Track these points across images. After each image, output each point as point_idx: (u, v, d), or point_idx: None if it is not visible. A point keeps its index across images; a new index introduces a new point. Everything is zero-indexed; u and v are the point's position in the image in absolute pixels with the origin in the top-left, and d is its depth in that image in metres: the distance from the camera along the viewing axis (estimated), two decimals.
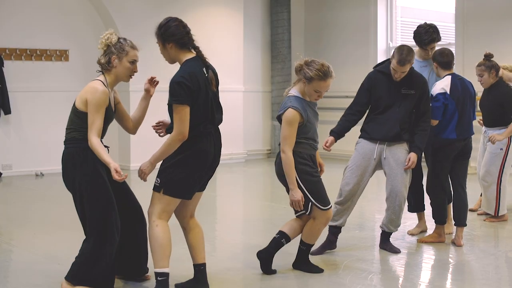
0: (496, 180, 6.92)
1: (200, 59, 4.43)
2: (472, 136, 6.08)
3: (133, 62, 4.49)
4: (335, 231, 5.69)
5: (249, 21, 12.69)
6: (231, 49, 12.19)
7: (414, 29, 6.32)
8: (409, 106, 5.58)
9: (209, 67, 4.45)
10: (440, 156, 5.90)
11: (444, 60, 5.92)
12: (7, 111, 10.22)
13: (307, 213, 4.94)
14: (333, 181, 6.69)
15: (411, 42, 6.57)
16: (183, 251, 4.94)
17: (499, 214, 6.96)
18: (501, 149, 6.89)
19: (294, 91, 4.95)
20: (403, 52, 5.42)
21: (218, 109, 4.53)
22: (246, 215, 8.03)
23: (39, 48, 10.58)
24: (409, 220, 6.81)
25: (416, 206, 6.38)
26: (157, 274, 4.38)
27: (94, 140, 4.31)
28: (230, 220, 7.69)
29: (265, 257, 5.06)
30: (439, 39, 6.24)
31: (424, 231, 6.40)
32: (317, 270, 5.12)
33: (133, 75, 4.56)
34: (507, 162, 6.91)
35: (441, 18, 11.86)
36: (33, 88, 10.57)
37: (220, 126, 4.57)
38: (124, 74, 4.50)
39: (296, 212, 5.03)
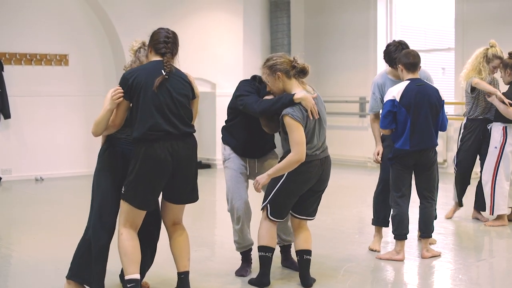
0: (491, 178, 6.92)
1: (161, 62, 4.33)
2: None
3: None
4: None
5: (249, 26, 12.69)
6: (231, 54, 12.20)
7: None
8: None
9: (169, 71, 4.30)
10: (396, 166, 5.59)
11: (409, 61, 5.50)
12: (7, 115, 10.22)
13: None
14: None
15: (410, 47, 6.53)
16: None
17: (494, 213, 6.93)
18: (496, 147, 6.90)
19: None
20: None
21: (178, 117, 4.32)
22: None
23: (39, 53, 10.60)
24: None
25: None
26: (126, 282, 4.30)
27: None
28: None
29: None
30: None
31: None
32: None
33: None
34: (502, 161, 6.90)
35: (441, 22, 11.86)
36: (33, 93, 10.57)
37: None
38: None
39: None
